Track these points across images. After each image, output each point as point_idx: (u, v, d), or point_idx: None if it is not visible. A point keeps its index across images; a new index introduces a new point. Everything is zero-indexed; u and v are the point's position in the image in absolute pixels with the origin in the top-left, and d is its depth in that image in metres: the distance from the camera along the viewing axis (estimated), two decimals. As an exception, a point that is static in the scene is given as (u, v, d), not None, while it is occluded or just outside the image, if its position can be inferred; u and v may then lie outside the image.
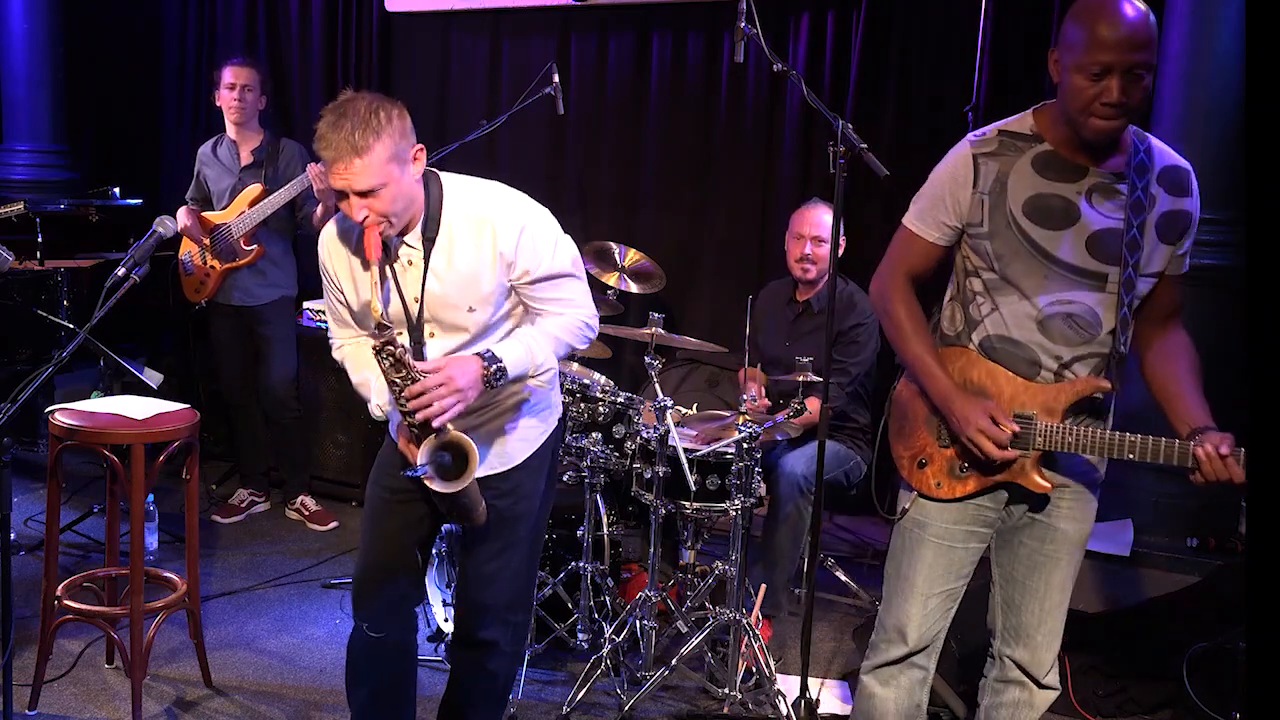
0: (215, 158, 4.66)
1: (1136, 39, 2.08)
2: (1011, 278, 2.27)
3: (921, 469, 2.42)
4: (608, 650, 3.40)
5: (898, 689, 2.49)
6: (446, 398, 2.30)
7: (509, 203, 2.45)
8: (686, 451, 3.34)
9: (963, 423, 2.28)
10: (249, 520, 4.86)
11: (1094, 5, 2.12)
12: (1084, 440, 2.24)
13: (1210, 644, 3.34)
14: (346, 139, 2.24)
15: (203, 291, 4.64)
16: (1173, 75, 4.00)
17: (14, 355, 4.70)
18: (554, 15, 5.47)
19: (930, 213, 2.35)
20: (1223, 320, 3.96)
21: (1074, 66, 2.13)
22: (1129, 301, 2.24)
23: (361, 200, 2.29)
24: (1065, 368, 2.29)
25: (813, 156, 5.01)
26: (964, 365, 2.35)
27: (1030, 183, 2.25)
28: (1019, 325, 2.29)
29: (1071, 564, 2.42)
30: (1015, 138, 2.28)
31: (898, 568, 2.49)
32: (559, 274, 2.48)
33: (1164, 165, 2.27)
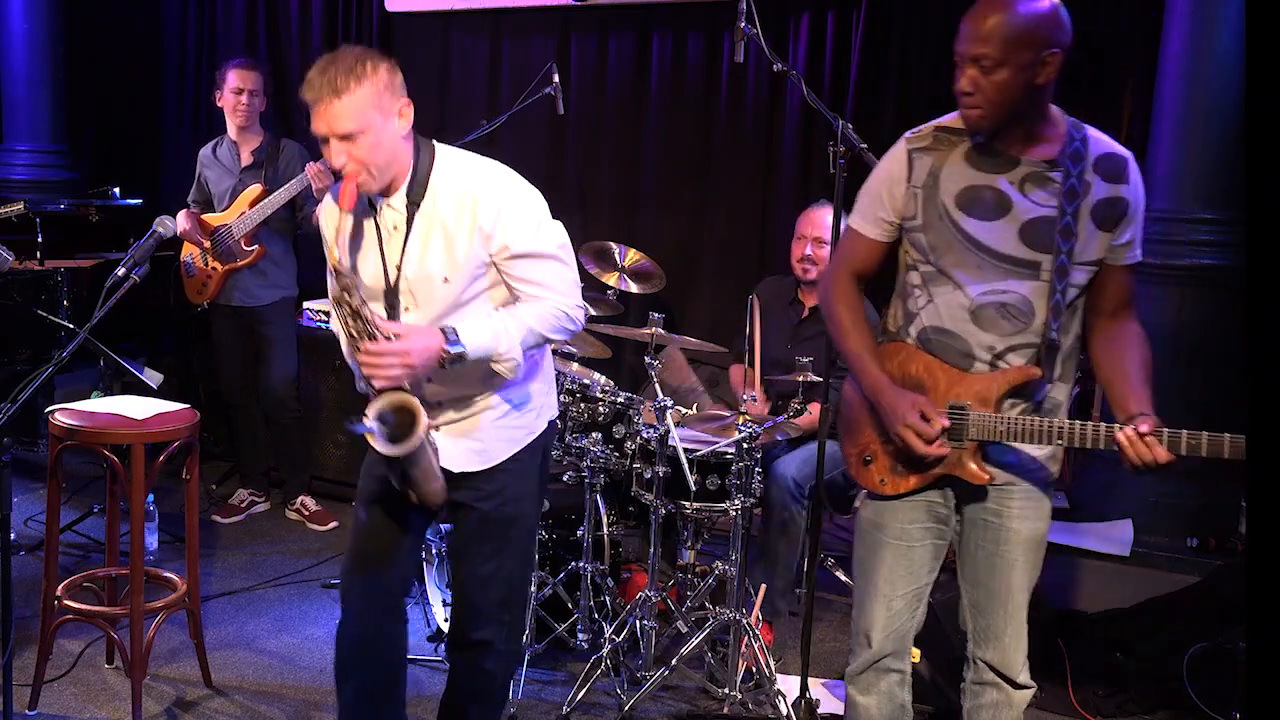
0: (216, 159, 4.66)
1: (979, 32, 2.17)
2: (946, 269, 2.31)
3: (866, 466, 2.44)
4: (608, 650, 3.40)
5: (878, 695, 2.50)
6: (395, 366, 2.29)
7: (496, 176, 2.44)
8: (686, 451, 3.34)
9: (891, 418, 2.31)
10: (249, 520, 4.86)
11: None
12: (1015, 429, 2.26)
13: (1210, 644, 3.34)
14: (329, 81, 2.26)
15: (205, 293, 4.64)
16: (1173, 75, 4.00)
17: (14, 355, 4.70)
18: (554, 15, 5.46)
19: (869, 210, 2.41)
20: (1223, 320, 3.97)
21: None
22: (1061, 289, 2.26)
23: (341, 144, 2.29)
24: (999, 357, 2.31)
25: (813, 156, 5.01)
26: (903, 359, 2.38)
27: (963, 175, 2.29)
28: (952, 316, 2.32)
29: (1029, 564, 2.41)
30: (950, 132, 2.33)
31: (862, 571, 2.51)
32: (539, 253, 2.43)
33: (1100, 153, 2.29)
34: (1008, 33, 2.15)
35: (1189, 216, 4.00)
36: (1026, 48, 2.16)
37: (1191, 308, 4.02)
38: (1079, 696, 3.42)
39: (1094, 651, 3.54)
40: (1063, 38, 2.19)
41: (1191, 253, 3.99)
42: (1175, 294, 4.03)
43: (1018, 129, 2.26)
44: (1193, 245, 3.99)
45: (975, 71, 2.19)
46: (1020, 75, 2.17)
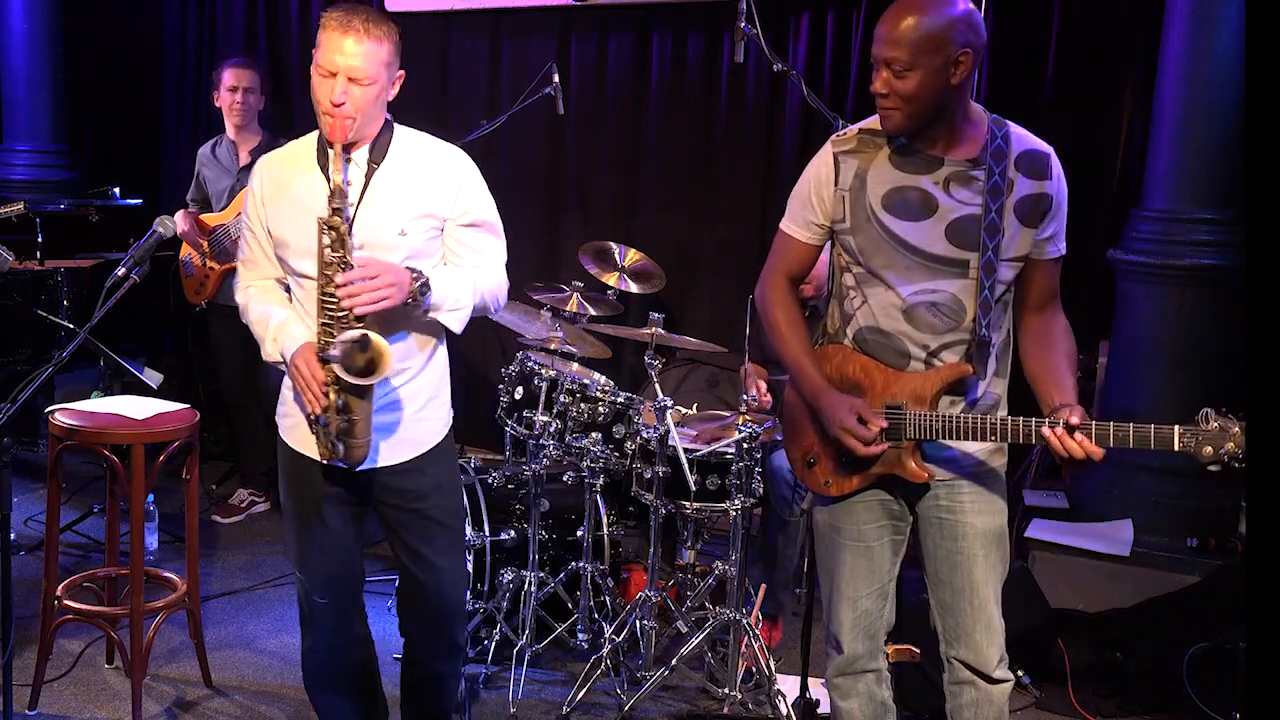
0: (214, 159, 4.66)
1: (891, 36, 2.19)
2: (876, 270, 2.33)
3: (811, 468, 2.46)
4: (608, 650, 3.40)
5: (858, 697, 2.52)
6: (378, 289, 2.30)
7: (455, 150, 2.53)
8: (686, 451, 3.34)
9: (829, 421, 2.33)
10: (249, 520, 4.86)
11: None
12: (950, 426, 2.28)
13: (1210, 644, 3.34)
14: (361, 21, 2.32)
15: (203, 293, 4.64)
16: (1173, 75, 4.00)
17: (14, 355, 4.70)
18: (554, 15, 5.46)
19: (800, 213, 2.43)
20: (1223, 320, 3.96)
21: None
22: (989, 286, 2.27)
23: (347, 84, 2.31)
24: (933, 355, 2.33)
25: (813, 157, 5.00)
26: (840, 361, 2.40)
27: (888, 176, 2.31)
28: (886, 316, 2.34)
29: (990, 558, 2.41)
30: (874, 134, 2.34)
31: (825, 575, 2.52)
32: (490, 226, 2.55)
33: (1022, 150, 2.31)
34: (917, 36, 2.17)
35: (1189, 216, 4.00)
36: (937, 51, 2.18)
37: (1191, 308, 4.02)
38: (1079, 696, 3.42)
39: (1094, 651, 3.54)
40: (974, 39, 2.21)
41: (1191, 253, 3.99)
42: (1175, 294, 4.03)
43: (938, 129, 2.27)
44: (1193, 245, 3.98)
45: (888, 74, 2.21)
46: (932, 77, 2.19)
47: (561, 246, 5.53)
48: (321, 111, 2.35)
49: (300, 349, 2.41)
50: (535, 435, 3.53)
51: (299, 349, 2.41)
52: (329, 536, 2.58)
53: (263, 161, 2.56)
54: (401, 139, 2.49)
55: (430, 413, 2.57)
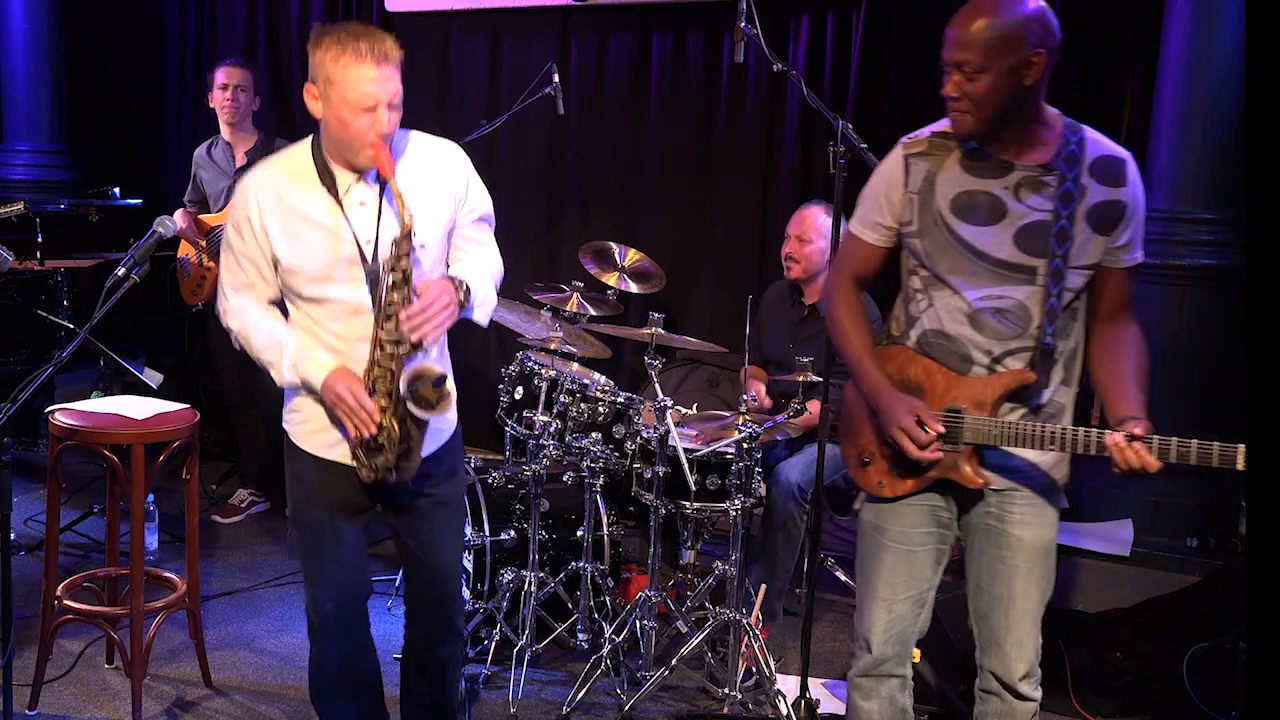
0: (210, 159, 4.66)
1: (962, 38, 2.19)
2: (942, 274, 2.31)
3: (865, 468, 2.44)
4: (608, 650, 3.40)
5: (879, 700, 2.50)
6: (440, 312, 2.29)
7: (453, 148, 2.52)
8: (686, 451, 3.34)
9: (887, 421, 2.31)
10: (249, 520, 4.86)
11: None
12: (1009, 433, 2.26)
13: (1210, 644, 3.33)
14: (379, 46, 2.26)
15: (200, 293, 4.64)
16: (1173, 75, 4.00)
17: (14, 355, 4.70)
18: (554, 15, 5.46)
19: (868, 215, 2.42)
20: (1223, 320, 3.97)
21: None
22: (1056, 293, 2.25)
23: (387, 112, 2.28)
24: (997, 361, 2.31)
25: (813, 156, 5.01)
26: (902, 363, 2.39)
27: (958, 180, 2.29)
28: (951, 320, 2.32)
29: (1033, 573, 2.39)
30: (945, 137, 2.33)
31: (863, 574, 2.50)
32: (488, 216, 2.57)
33: (1097, 155, 2.28)
34: (989, 37, 2.15)
35: (1189, 216, 4.00)
36: (1009, 52, 2.15)
37: (1191, 308, 4.02)
38: (1079, 696, 3.42)
39: (1094, 651, 3.54)
40: (1047, 39, 2.18)
41: (1191, 253, 3.99)
42: (1175, 294, 4.03)
43: (1011, 133, 2.25)
44: (1193, 245, 3.98)
45: (959, 77, 2.19)
46: (1005, 79, 2.17)
47: (561, 246, 5.53)
48: (362, 146, 2.29)
49: (336, 375, 2.36)
50: (535, 435, 3.53)
51: (333, 375, 2.37)
52: (342, 548, 2.55)
53: (250, 184, 2.42)
54: (401, 147, 2.45)
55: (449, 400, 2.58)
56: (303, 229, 2.37)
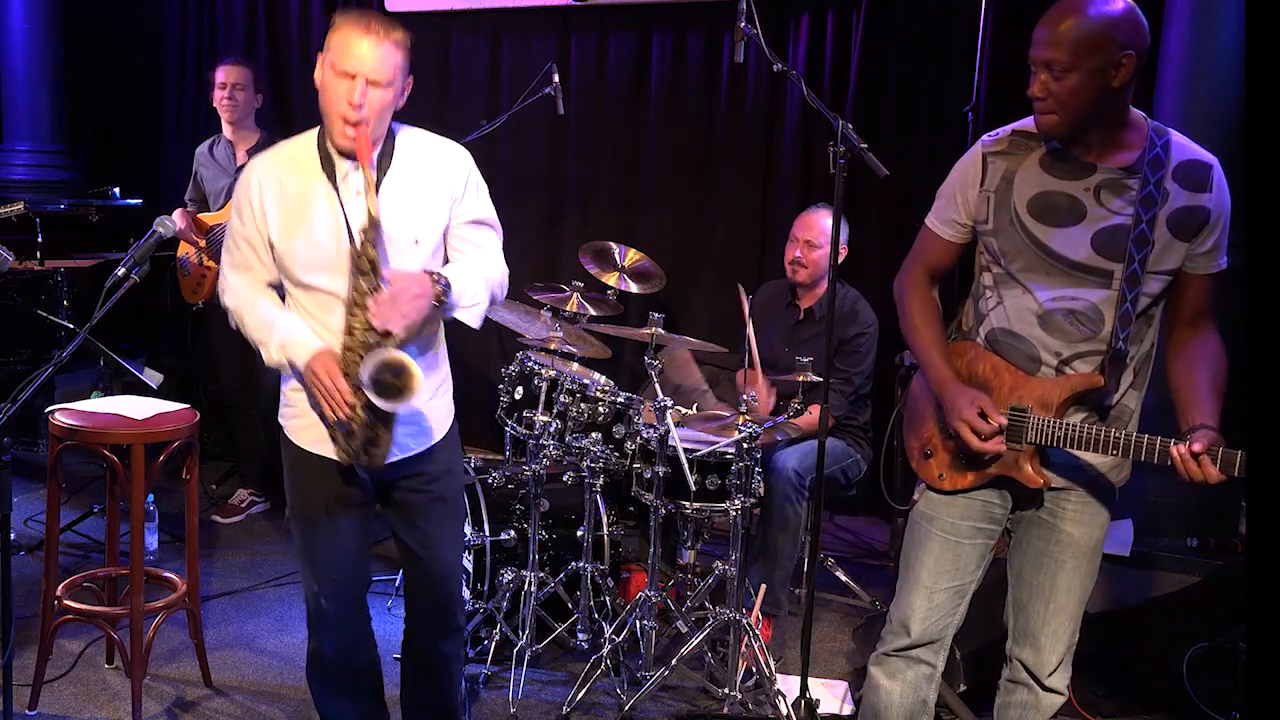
0: (212, 158, 4.66)
1: (1050, 37, 2.15)
2: (1015, 273, 2.31)
3: (927, 460, 2.46)
4: (608, 650, 3.40)
5: (903, 683, 2.50)
6: (411, 302, 2.30)
7: (456, 148, 2.52)
8: (686, 451, 3.34)
9: (950, 412, 2.32)
10: (249, 520, 4.86)
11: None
12: (1072, 435, 2.25)
13: (1210, 644, 3.34)
14: (380, 24, 2.32)
15: (200, 292, 4.64)
16: (1173, 75, 4.00)
17: (14, 355, 4.70)
18: (554, 15, 5.46)
19: (944, 210, 2.42)
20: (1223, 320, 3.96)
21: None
22: (1132, 298, 2.24)
23: (366, 87, 2.28)
24: (1065, 364, 2.31)
25: (813, 156, 5.01)
26: (971, 359, 2.39)
27: (1037, 180, 2.28)
28: (1020, 319, 2.32)
29: (1079, 569, 2.40)
30: (1027, 137, 2.31)
31: (906, 561, 2.51)
32: (489, 222, 2.55)
33: (1181, 160, 2.25)
34: (1079, 36, 2.13)
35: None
36: (1098, 51, 2.13)
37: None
38: (1079, 696, 3.41)
39: (1094, 651, 3.54)
40: (1137, 40, 2.15)
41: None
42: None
43: (1095, 134, 2.22)
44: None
45: (1046, 76, 2.16)
46: (1093, 80, 2.14)
47: (561, 246, 5.53)
48: (337, 116, 2.31)
49: (317, 356, 2.38)
50: (535, 435, 3.53)
51: (315, 356, 2.38)
52: (340, 539, 2.56)
53: (255, 167, 2.46)
54: (404, 141, 2.47)
55: (439, 400, 2.59)
56: (300, 215, 2.39)
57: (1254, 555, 1.61)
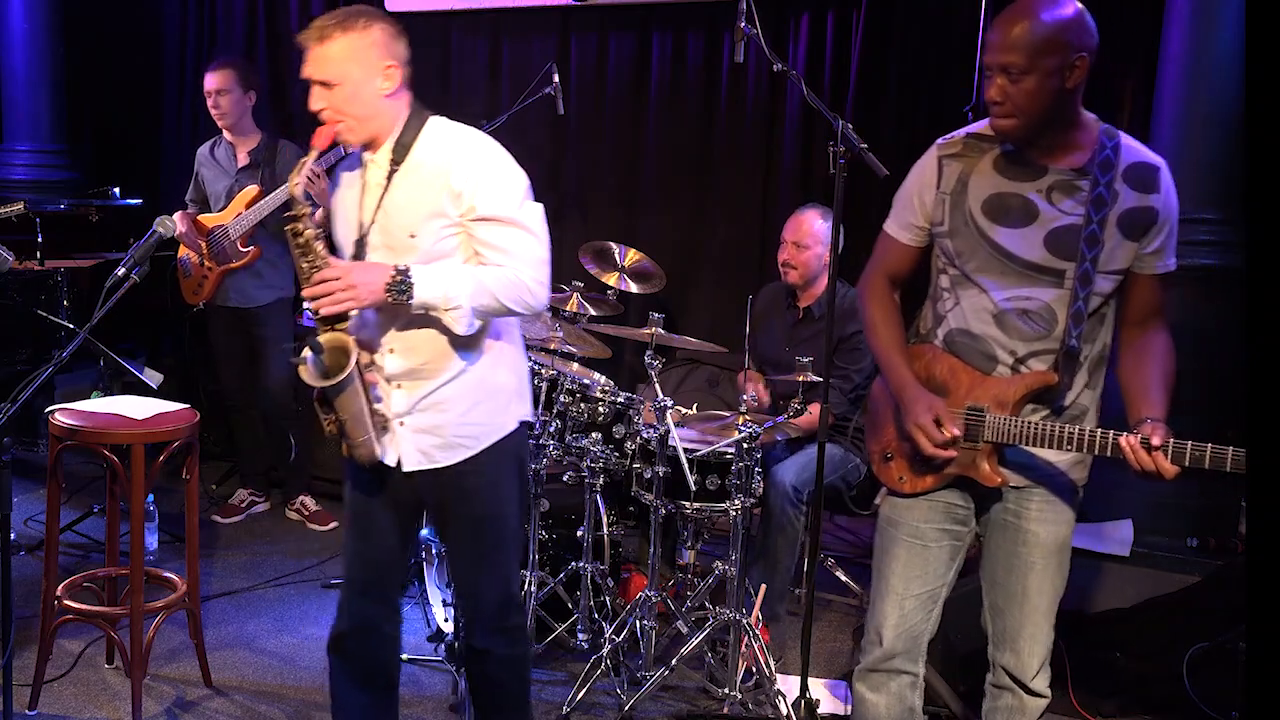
0: (213, 159, 4.66)
1: (1008, 41, 2.18)
2: (971, 274, 2.33)
3: (887, 463, 2.47)
4: (608, 650, 3.40)
5: (888, 695, 2.50)
6: (339, 291, 2.34)
7: (478, 144, 2.48)
8: (686, 451, 3.34)
9: (906, 416, 2.34)
10: (249, 520, 4.86)
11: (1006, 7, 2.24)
12: (1028, 432, 2.27)
13: (1210, 644, 3.34)
14: (317, 28, 2.39)
15: (200, 293, 4.64)
16: (1173, 75, 4.00)
17: (14, 355, 4.70)
18: (554, 15, 5.47)
19: (901, 215, 2.45)
20: (1223, 320, 3.96)
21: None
22: (1084, 296, 2.27)
23: (320, 90, 2.40)
24: (1021, 362, 2.33)
25: (813, 156, 5.01)
26: (929, 361, 2.41)
27: (990, 182, 2.31)
28: (977, 319, 2.34)
29: (1049, 569, 2.41)
30: (980, 139, 2.35)
31: (877, 568, 2.52)
32: (508, 219, 2.43)
33: (1130, 162, 2.29)
34: (1033, 40, 2.16)
35: (1189, 216, 3.97)
36: (1053, 54, 2.16)
37: (1191, 308, 4.01)
38: (1079, 696, 3.42)
39: (1094, 651, 3.54)
40: (1089, 41, 2.20)
41: (1191, 253, 3.98)
42: (1175, 294, 3.99)
43: (1048, 136, 2.26)
44: (1193, 245, 3.98)
45: (1004, 80, 2.20)
46: (1048, 81, 2.18)
47: (561, 246, 5.52)
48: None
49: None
50: (535, 435, 3.53)
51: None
52: (373, 535, 2.60)
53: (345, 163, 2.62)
54: (429, 135, 2.47)
55: (475, 419, 2.51)
56: (339, 205, 2.56)
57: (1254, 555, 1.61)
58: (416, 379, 2.48)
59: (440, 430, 2.50)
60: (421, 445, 2.50)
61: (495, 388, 2.54)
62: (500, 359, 2.55)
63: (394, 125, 2.45)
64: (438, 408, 2.49)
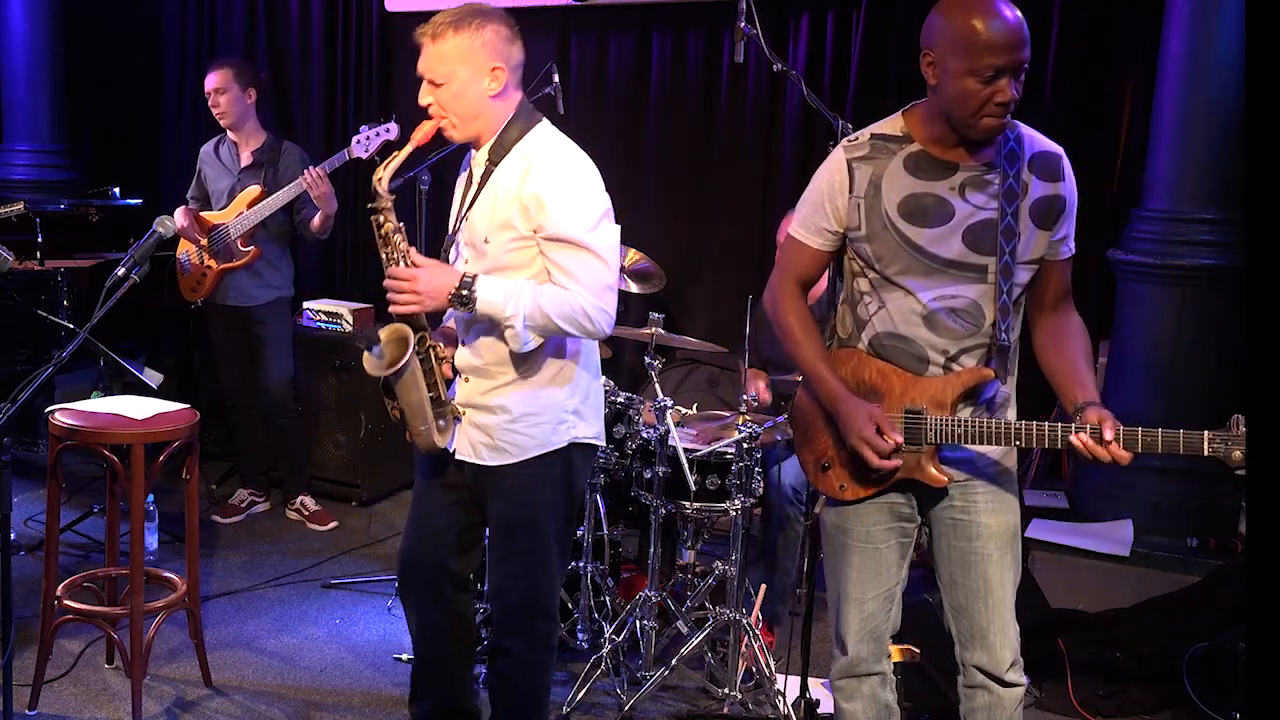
0: (216, 157, 4.66)
1: (1022, 36, 2.14)
2: (893, 276, 2.31)
3: (825, 473, 2.44)
4: (608, 650, 3.40)
5: (861, 699, 2.50)
6: (405, 293, 2.44)
7: (560, 158, 2.51)
8: (686, 451, 3.34)
9: (846, 430, 2.32)
10: (249, 520, 4.86)
11: (972, 7, 2.16)
12: (972, 431, 2.27)
13: (1210, 644, 3.34)
14: (433, 24, 2.47)
15: (199, 291, 4.64)
16: (1173, 75, 4.00)
17: (14, 355, 4.70)
18: (554, 15, 5.46)
19: (811, 220, 2.39)
20: (1223, 320, 3.96)
21: (964, 71, 2.16)
22: (1007, 289, 2.27)
23: (428, 87, 2.49)
24: (953, 360, 2.32)
25: (813, 156, 5.00)
26: (855, 366, 2.38)
27: (903, 183, 2.29)
28: (905, 321, 2.32)
29: (1005, 558, 2.40)
30: (886, 140, 2.32)
31: (832, 577, 2.51)
32: (574, 242, 2.44)
33: (1035, 152, 2.30)
34: (1026, 32, 2.16)
35: (1189, 216, 4.00)
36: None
37: (1191, 308, 4.02)
38: (1079, 696, 3.42)
39: (1094, 651, 3.54)
40: None
41: (1191, 253, 3.99)
42: (1175, 294, 4.03)
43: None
44: (1193, 245, 3.98)
45: (1014, 79, 2.16)
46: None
47: (561, 246, 5.52)
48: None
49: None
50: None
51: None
52: (426, 511, 2.71)
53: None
54: (530, 140, 2.52)
55: (521, 429, 2.55)
56: (455, 194, 2.66)
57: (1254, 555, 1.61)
58: (480, 376, 2.57)
59: (489, 430, 2.57)
60: (474, 439, 2.58)
61: (548, 403, 2.57)
62: (560, 377, 2.58)
63: (498, 126, 2.51)
64: (490, 410, 2.56)
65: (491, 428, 2.56)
